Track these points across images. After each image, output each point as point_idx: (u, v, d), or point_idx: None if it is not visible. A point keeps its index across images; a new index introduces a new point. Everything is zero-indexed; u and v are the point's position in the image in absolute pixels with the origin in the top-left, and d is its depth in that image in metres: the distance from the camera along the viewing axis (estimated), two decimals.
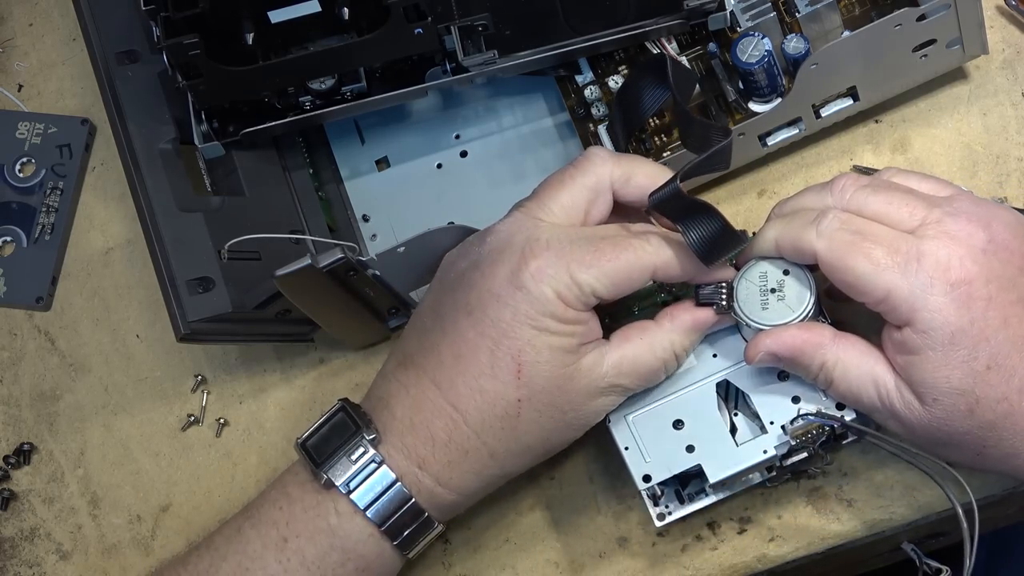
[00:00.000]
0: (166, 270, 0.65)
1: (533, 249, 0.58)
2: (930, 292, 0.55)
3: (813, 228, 0.57)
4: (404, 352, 0.62)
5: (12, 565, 0.71)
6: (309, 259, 0.60)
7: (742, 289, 0.60)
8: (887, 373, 0.57)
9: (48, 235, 0.76)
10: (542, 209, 0.60)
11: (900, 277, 0.55)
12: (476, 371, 0.59)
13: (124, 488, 0.72)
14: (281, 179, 0.71)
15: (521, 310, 0.58)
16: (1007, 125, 0.69)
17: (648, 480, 0.61)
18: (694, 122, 0.63)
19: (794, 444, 0.60)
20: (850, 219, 0.57)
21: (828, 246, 0.57)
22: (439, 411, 0.59)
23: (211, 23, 0.63)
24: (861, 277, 0.56)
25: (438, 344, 0.60)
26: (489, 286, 0.58)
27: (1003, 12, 0.71)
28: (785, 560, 0.65)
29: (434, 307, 0.61)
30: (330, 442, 0.60)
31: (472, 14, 0.66)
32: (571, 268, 0.58)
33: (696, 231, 0.58)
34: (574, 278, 0.58)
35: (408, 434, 0.60)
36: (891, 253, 0.56)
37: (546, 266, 0.58)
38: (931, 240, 0.56)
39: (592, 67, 0.70)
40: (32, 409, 0.73)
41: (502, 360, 0.58)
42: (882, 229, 0.57)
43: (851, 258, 0.56)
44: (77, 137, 0.77)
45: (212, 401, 0.72)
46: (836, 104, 0.68)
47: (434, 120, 0.73)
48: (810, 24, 0.67)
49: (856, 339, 0.59)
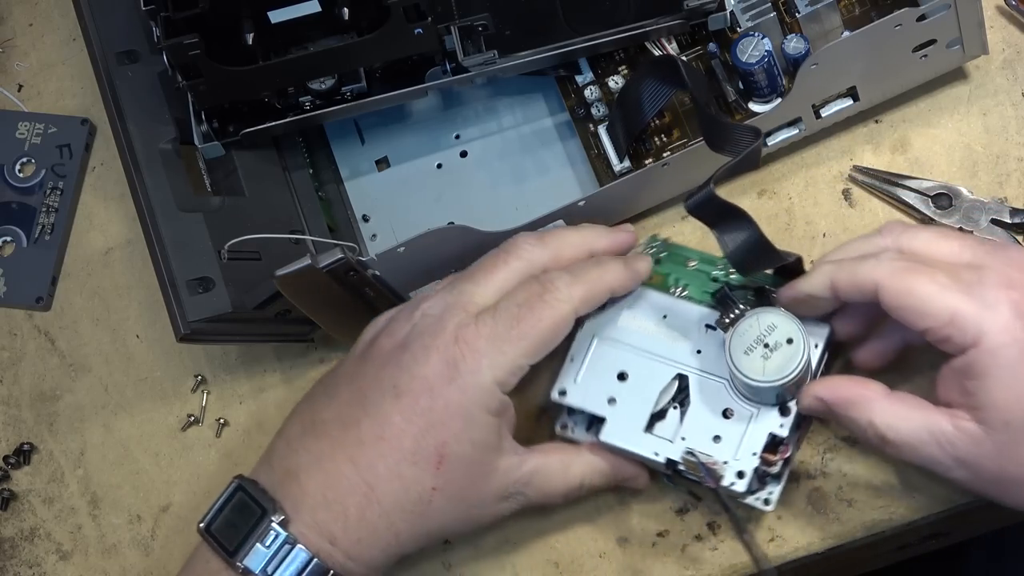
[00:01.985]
0: (166, 270, 0.65)
1: (466, 336, 0.59)
2: (996, 310, 0.54)
3: (871, 260, 0.57)
4: (314, 420, 0.61)
5: (12, 565, 0.71)
6: (309, 259, 0.60)
7: (746, 323, 0.60)
8: (944, 419, 0.56)
9: (48, 235, 0.76)
10: (476, 290, 0.61)
11: (965, 297, 0.55)
12: (398, 456, 0.58)
13: (124, 488, 0.72)
14: (281, 179, 0.71)
15: (454, 401, 0.58)
16: (1007, 125, 0.69)
17: (563, 395, 0.63)
18: (721, 123, 0.62)
19: (682, 468, 0.61)
20: (907, 255, 0.57)
21: (889, 273, 0.56)
22: (354, 489, 0.59)
23: (211, 23, 0.63)
24: (925, 299, 0.55)
25: (359, 421, 0.59)
26: (422, 372, 0.59)
27: (1003, 12, 0.71)
28: (785, 560, 0.65)
29: (353, 379, 0.61)
30: (237, 527, 0.59)
31: (472, 14, 0.66)
32: (503, 349, 0.58)
33: (731, 240, 0.58)
34: (508, 358, 0.58)
35: (320, 510, 0.59)
36: (953, 277, 0.55)
37: (482, 355, 0.58)
38: (989, 267, 0.55)
39: (592, 67, 0.70)
40: (32, 409, 0.74)
41: (426, 449, 0.58)
42: (940, 260, 0.57)
43: (914, 281, 0.55)
44: (77, 137, 0.77)
45: (212, 401, 0.72)
46: (836, 104, 0.68)
47: (434, 120, 0.73)
48: (810, 24, 0.67)
49: (906, 395, 0.58)
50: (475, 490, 0.60)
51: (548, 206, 0.65)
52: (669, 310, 0.63)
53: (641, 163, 0.68)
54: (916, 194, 0.68)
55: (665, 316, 0.63)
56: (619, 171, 0.68)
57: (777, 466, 0.60)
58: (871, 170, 0.69)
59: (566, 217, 0.66)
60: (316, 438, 0.60)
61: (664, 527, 0.65)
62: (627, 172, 0.68)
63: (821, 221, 0.69)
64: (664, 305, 0.64)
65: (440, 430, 0.58)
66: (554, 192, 0.70)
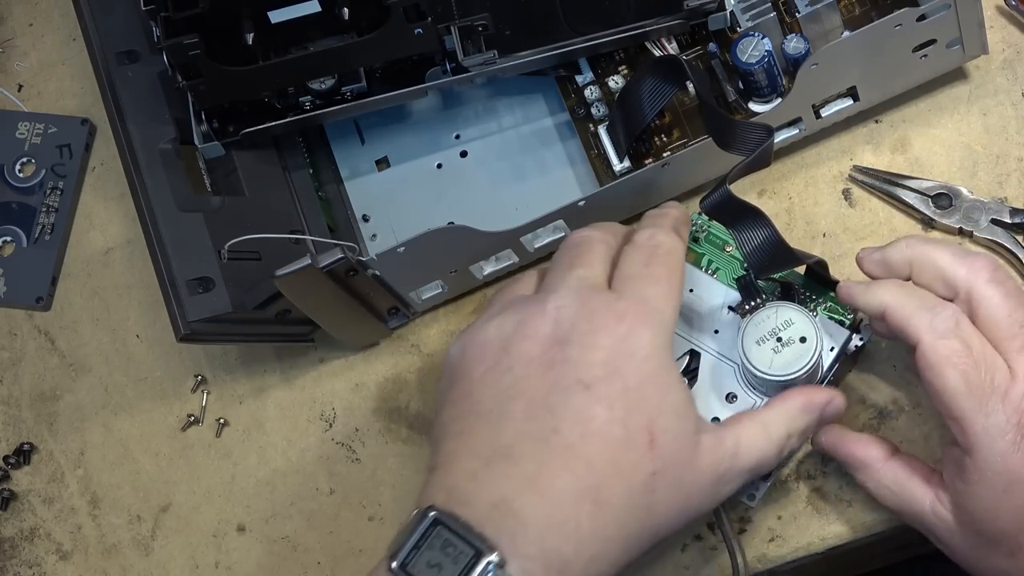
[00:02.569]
0: (166, 270, 0.65)
1: (619, 310, 0.55)
2: (1002, 436, 0.54)
3: (927, 317, 0.56)
4: (494, 449, 0.54)
5: (12, 565, 0.71)
6: (309, 259, 0.60)
7: (763, 314, 0.60)
8: (925, 500, 0.58)
9: (48, 235, 0.76)
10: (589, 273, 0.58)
11: (979, 409, 0.54)
12: (612, 447, 0.53)
13: (124, 488, 0.72)
14: (281, 179, 0.70)
15: (645, 373, 0.54)
16: (1007, 125, 0.69)
17: None
18: (731, 122, 0.62)
19: None
20: (964, 323, 0.56)
21: (933, 347, 0.55)
22: (581, 498, 0.52)
23: (211, 23, 0.63)
24: (948, 392, 0.55)
25: (555, 428, 0.53)
26: (600, 358, 0.54)
27: (1003, 12, 0.71)
28: (785, 560, 0.65)
29: (514, 395, 0.55)
30: (443, 568, 0.51)
31: (472, 14, 0.66)
32: (658, 307, 0.56)
33: (748, 240, 0.58)
34: (665, 315, 0.56)
35: (550, 536, 0.51)
36: (983, 382, 0.55)
37: (644, 321, 0.55)
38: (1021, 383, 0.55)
39: (592, 67, 0.70)
40: (32, 409, 0.74)
41: (636, 432, 0.53)
42: (987, 348, 0.56)
43: (948, 369, 0.55)
44: (77, 137, 0.77)
45: (212, 401, 0.72)
46: (836, 104, 0.68)
47: (434, 120, 0.73)
48: (810, 24, 0.67)
49: (902, 464, 0.59)
50: (691, 472, 0.54)
51: (548, 206, 0.65)
52: (697, 284, 0.63)
53: (641, 163, 0.68)
54: (916, 194, 0.68)
55: (692, 289, 0.63)
56: (619, 171, 0.68)
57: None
58: (871, 170, 0.69)
59: (566, 217, 0.66)
60: (512, 462, 0.53)
61: None
62: (627, 172, 0.68)
63: (821, 221, 0.69)
64: (693, 278, 0.64)
65: (643, 407, 0.54)
66: (554, 192, 0.70)
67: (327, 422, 0.71)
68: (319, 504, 0.70)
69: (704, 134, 0.66)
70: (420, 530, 0.52)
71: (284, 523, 0.70)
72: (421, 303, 0.69)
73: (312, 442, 0.71)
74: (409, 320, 0.70)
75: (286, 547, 0.69)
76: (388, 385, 0.71)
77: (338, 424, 0.71)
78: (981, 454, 0.55)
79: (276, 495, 0.70)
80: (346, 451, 0.70)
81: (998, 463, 0.54)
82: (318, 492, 0.70)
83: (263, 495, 0.70)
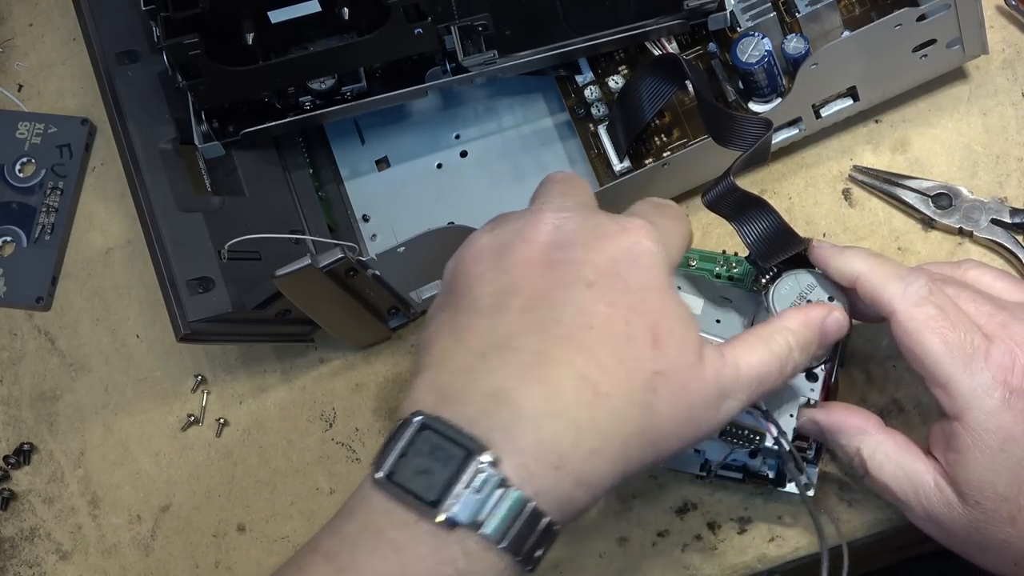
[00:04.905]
0: (166, 270, 0.65)
1: (625, 223, 0.53)
2: (989, 394, 0.54)
3: (901, 286, 0.56)
4: (491, 341, 0.51)
5: (12, 565, 0.71)
6: (309, 259, 0.60)
7: (786, 283, 0.60)
8: (927, 472, 0.56)
9: (48, 235, 0.76)
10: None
11: (963, 370, 0.54)
12: (615, 341, 0.51)
13: (124, 488, 0.72)
14: (281, 179, 0.71)
15: (649, 279, 0.52)
16: (1007, 125, 0.69)
17: None
18: (729, 116, 0.62)
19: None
20: (936, 290, 0.56)
21: (909, 315, 0.55)
22: (580, 388, 0.50)
23: (211, 23, 0.63)
24: (930, 357, 0.55)
25: (557, 320, 0.51)
26: (602, 260, 0.52)
27: (1003, 12, 0.71)
28: (785, 560, 0.65)
29: (514, 291, 0.52)
30: (432, 473, 0.48)
31: (472, 14, 0.66)
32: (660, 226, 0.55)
33: (752, 229, 0.58)
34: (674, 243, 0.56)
35: (546, 426, 0.49)
36: (964, 343, 0.54)
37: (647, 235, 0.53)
38: (1001, 342, 0.55)
39: (592, 67, 0.70)
40: (32, 409, 0.74)
41: (639, 330, 0.51)
42: (962, 314, 0.55)
43: (927, 335, 0.55)
44: (77, 137, 0.77)
45: (212, 401, 0.72)
46: (836, 104, 0.68)
47: (434, 120, 0.73)
48: (810, 24, 0.67)
49: (900, 436, 0.58)
50: (695, 379, 0.52)
51: None
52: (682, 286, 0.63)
53: (641, 163, 0.68)
54: (916, 194, 0.68)
55: (679, 288, 0.63)
56: (619, 171, 0.68)
57: (811, 451, 0.60)
58: (871, 170, 0.69)
59: None
60: (511, 352, 0.50)
61: (664, 527, 0.65)
62: (627, 172, 0.68)
63: (821, 221, 0.69)
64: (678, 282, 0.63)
65: (646, 308, 0.52)
66: None
67: (327, 422, 0.71)
68: (319, 504, 0.70)
69: (704, 134, 0.66)
70: (406, 437, 0.49)
71: (284, 523, 0.70)
72: (421, 303, 0.69)
73: (312, 442, 0.71)
74: (409, 320, 0.70)
75: (286, 547, 0.69)
76: (388, 385, 0.71)
77: (338, 424, 0.71)
78: (971, 415, 0.54)
79: (276, 495, 0.70)
80: (346, 451, 0.70)
81: (989, 422, 0.54)
82: (318, 492, 0.70)
83: (263, 495, 0.70)
